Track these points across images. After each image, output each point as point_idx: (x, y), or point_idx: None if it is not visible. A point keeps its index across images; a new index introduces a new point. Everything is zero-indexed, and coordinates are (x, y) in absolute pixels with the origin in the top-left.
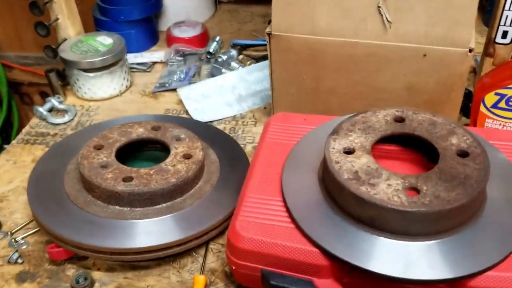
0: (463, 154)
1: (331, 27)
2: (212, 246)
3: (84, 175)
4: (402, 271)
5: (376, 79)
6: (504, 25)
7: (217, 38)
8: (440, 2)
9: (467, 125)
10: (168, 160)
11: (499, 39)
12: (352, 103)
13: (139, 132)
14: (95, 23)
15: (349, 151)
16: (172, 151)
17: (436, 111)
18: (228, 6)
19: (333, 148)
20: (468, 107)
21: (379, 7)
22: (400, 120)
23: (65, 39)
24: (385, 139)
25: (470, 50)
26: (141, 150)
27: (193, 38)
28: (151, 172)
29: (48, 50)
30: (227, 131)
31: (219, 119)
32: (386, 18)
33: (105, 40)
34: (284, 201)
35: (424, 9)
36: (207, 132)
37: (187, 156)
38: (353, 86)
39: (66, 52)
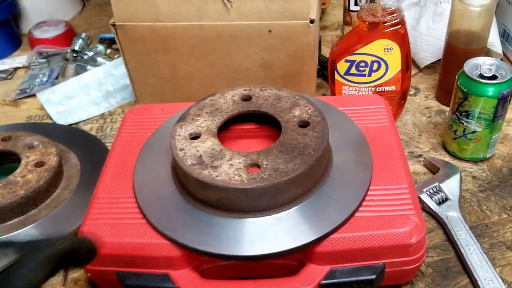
0: (303, 124)
1: (174, 12)
2: None
3: None
4: (249, 248)
5: (231, 59)
6: None
7: (83, 35)
8: None
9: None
10: (18, 171)
11: (352, 7)
12: (214, 86)
13: None
14: None
15: (195, 136)
16: (23, 161)
17: (294, 84)
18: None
19: (179, 135)
20: None
21: None
22: (247, 98)
23: None
24: (241, 119)
25: (312, 21)
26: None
27: (56, 37)
28: None
29: None
30: (94, 131)
31: (85, 120)
32: None
33: None
34: (136, 196)
35: None
36: (68, 135)
37: (39, 164)
38: (210, 68)
39: None
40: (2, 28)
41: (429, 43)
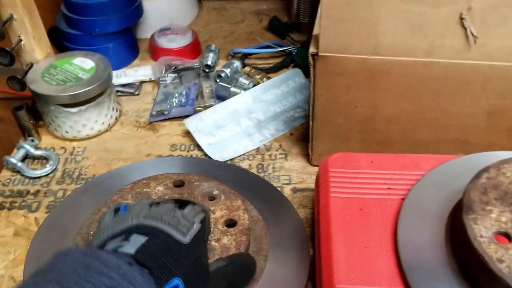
0: None
1: (399, 45)
2: None
3: None
4: None
5: (451, 103)
6: None
7: (213, 47)
8: None
9: None
10: None
11: None
12: (416, 132)
13: (159, 191)
14: (61, 36)
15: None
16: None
17: None
18: (212, 2)
19: (481, 236)
20: None
21: (462, 18)
22: None
23: (32, 65)
24: None
25: None
26: None
27: (184, 48)
28: None
29: (13, 82)
30: (253, 170)
31: (241, 155)
32: (471, 32)
33: (84, 64)
34: None
35: None
36: (236, 178)
37: (230, 223)
38: (420, 112)
39: (38, 83)
40: (124, 34)
41: None
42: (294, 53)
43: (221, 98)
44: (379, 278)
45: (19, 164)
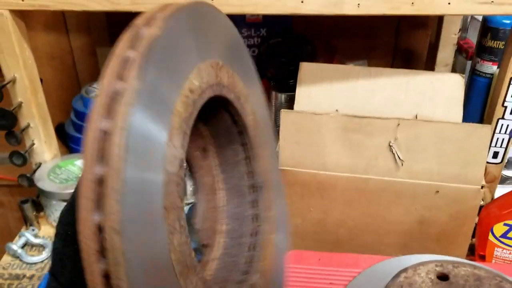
0: None
1: (342, 163)
2: None
3: None
4: None
5: (388, 212)
6: (495, 146)
7: None
8: (452, 144)
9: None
10: None
11: (490, 159)
12: (362, 235)
13: None
14: (68, 139)
15: None
16: None
17: (447, 243)
18: None
19: None
20: None
21: (390, 146)
22: (444, 277)
23: (40, 164)
24: None
25: (482, 187)
26: None
27: None
28: None
29: (23, 179)
30: None
31: None
32: (398, 157)
33: None
34: None
35: (435, 150)
36: None
37: None
38: (363, 218)
39: (44, 181)
40: None
41: None
42: None
43: None
44: None
45: (19, 250)
